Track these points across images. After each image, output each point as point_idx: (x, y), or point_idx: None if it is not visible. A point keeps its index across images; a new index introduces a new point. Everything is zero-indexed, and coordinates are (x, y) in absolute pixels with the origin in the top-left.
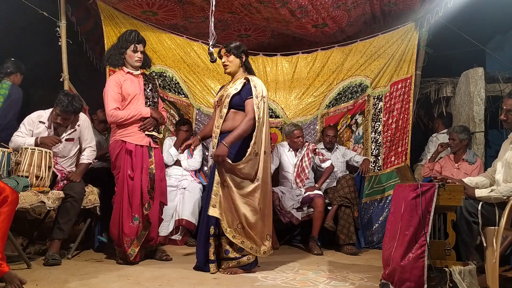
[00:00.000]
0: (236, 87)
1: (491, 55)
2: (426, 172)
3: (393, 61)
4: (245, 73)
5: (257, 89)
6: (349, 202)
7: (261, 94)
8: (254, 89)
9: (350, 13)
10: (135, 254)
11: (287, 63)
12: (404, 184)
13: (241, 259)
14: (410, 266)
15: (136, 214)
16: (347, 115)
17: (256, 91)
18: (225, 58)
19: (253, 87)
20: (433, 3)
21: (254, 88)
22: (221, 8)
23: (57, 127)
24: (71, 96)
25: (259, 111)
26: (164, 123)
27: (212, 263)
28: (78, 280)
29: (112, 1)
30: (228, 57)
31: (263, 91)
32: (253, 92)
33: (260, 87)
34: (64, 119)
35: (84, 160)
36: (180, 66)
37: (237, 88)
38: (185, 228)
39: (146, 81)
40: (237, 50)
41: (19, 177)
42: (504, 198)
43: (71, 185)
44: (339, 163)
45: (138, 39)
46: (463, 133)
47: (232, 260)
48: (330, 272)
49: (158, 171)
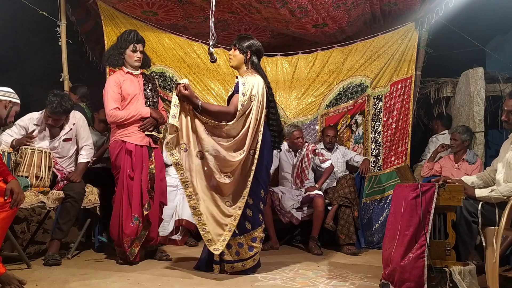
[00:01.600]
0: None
1: (491, 55)
2: (426, 172)
3: (393, 61)
4: (249, 71)
5: (246, 87)
6: (349, 202)
7: (249, 92)
8: (242, 86)
9: (350, 13)
10: (135, 254)
11: (287, 63)
12: (404, 184)
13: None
14: (410, 266)
15: (136, 214)
16: (347, 115)
17: (243, 88)
18: (232, 50)
19: (241, 84)
20: (433, 3)
21: (242, 85)
22: (221, 8)
23: (51, 128)
24: (60, 96)
25: (243, 108)
26: (164, 123)
27: (216, 264)
28: (78, 280)
29: (112, 1)
30: (234, 51)
31: (252, 89)
32: (240, 89)
33: (250, 85)
34: (54, 120)
35: (82, 159)
36: (180, 66)
37: (233, 88)
38: (185, 228)
39: (146, 81)
40: (241, 45)
41: (19, 177)
42: (504, 198)
43: (71, 185)
44: (339, 163)
45: (137, 39)
46: (466, 134)
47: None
48: (330, 272)
49: (158, 171)
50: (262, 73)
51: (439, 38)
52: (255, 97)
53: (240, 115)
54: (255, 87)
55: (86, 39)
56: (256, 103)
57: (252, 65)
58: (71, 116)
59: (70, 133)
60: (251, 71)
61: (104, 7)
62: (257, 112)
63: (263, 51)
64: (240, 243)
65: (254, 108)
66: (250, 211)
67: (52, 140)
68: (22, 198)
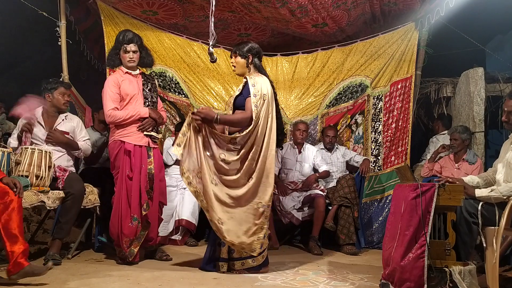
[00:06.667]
0: (239, 88)
1: (491, 55)
2: (426, 172)
3: (393, 61)
4: (253, 73)
5: (256, 87)
6: (349, 202)
7: (259, 92)
8: (252, 87)
9: (350, 12)
10: (134, 254)
11: (287, 63)
12: (404, 184)
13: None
14: (410, 266)
15: (135, 214)
16: (347, 115)
17: (254, 89)
18: (232, 59)
19: (251, 85)
20: (433, 3)
21: (252, 86)
22: (221, 7)
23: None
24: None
25: (257, 110)
26: (163, 123)
27: (224, 262)
28: (78, 280)
29: (112, 1)
30: (235, 58)
31: (262, 89)
32: (251, 91)
33: (260, 85)
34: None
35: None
36: (180, 66)
37: (239, 89)
38: (185, 228)
39: (145, 81)
40: (241, 50)
41: (19, 177)
42: (504, 198)
43: (71, 184)
44: (339, 163)
45: (127, 40)
46: (466, 133)
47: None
48: (330, 272)
49: (157, 171)
50: (265, 73)
51: (439, 38)
52: (267, 96)
53: (257, 117)
54: (263, 86)
55: (85, 38)
56: (267, 102)
57: (255, 67)
58: (68, 118)
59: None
60: (255, 73)
61: (104, 7)
62: (267, 111)
63: (262, 51)
64: None
65: (264, 107)
66: None
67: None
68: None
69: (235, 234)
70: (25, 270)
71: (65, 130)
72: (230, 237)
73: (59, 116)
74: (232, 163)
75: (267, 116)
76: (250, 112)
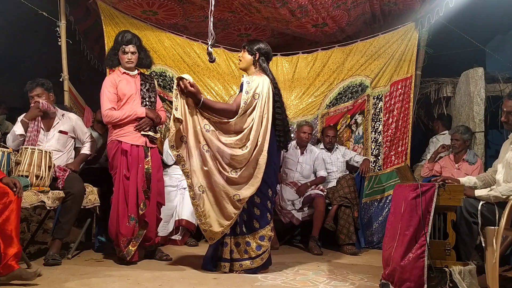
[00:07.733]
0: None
1: (491, 55)
2: (426, 173)
3: (393, 61)
4: (256, 72)
5: (250, 85)
6: (349, 202)
7: (253, 90)
8: (246, 84)
9: (350, 12)
10: (132, 254)
11: (287, 63)
12: (404, 184)
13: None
14: (410, 266)
15: (132, 214)
16: (346, 115)
17: (247, 86)
18: (241, 52)
19: (246, 82)
20: (433, 3)
21: (246, 83)
22: (221, 7)
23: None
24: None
25: (245, 106)
26: (161, 123)
27: (226, 262)
28: (78, 280)
29: (112, 1)
30: (243, 53)
31: (256, 88)
32: (244, 87)
33: (255, 84)
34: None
35: (84, 150)
36: (180, 66)
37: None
38: (185, 228)
39: (143, 81)
40: (250, 46)
41: (19, 176)
42: (503, 197)
43: (71, 184)
44: (339, 163)
45: (125, 41)
46: (467, 134)
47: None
48: (330, 272)
49: (154, 171)
50: (269, 74)
51: (439, 38)
52: (259, 95)
53: (242, 113)
54: (259, 86)
55: (85, 38)
56: (261, 101)
57: (260, 67)
58: (66, 117)
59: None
60: (258, 72)
61: (104, 7)
62: (261, 110)
63: (272, 55)
64: (248, 242)
65: (258, 106)
66: (257, 210)
67: (47, 132)
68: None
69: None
70: (14, 274)
71: (64, 130)
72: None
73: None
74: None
75: (261, 116)
76: (235, 106)
